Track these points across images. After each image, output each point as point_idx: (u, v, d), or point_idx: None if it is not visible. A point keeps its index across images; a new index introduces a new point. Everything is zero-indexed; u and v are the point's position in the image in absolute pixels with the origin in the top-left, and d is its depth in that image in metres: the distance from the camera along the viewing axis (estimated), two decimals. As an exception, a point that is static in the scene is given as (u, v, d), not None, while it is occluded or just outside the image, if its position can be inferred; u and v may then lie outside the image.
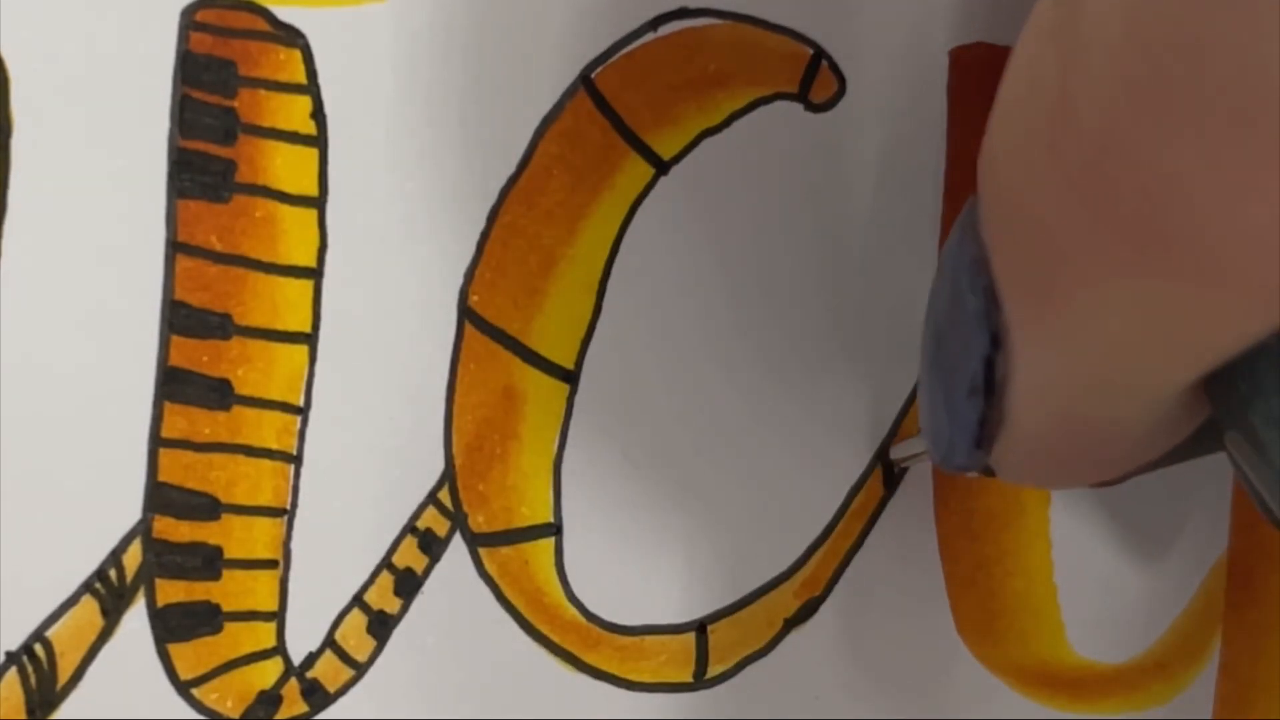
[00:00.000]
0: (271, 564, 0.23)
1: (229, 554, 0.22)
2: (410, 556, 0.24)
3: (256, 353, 0.22)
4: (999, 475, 0.21)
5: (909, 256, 0.26)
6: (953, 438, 0.20)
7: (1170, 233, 0.14)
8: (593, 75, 0.24)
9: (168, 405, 0.22)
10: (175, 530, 0.22)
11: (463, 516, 0.24)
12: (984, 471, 0.21)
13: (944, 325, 0.20)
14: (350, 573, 0.23)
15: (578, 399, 0.25)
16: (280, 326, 0.23)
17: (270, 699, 0.23)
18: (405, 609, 0.24)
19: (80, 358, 0.21)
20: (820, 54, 0.25)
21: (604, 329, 0.25)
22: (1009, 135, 0.17)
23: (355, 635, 0.23)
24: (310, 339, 0.23)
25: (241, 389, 0.22)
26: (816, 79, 0.25)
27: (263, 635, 0.23)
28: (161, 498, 0.22)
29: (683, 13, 0.24)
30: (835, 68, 0.25)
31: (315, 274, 0.23)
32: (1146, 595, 0.29)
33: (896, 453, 0.27)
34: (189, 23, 0.22)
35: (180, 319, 0.22)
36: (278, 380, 0.23)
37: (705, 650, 0.26)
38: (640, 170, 0.25)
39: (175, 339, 0.22)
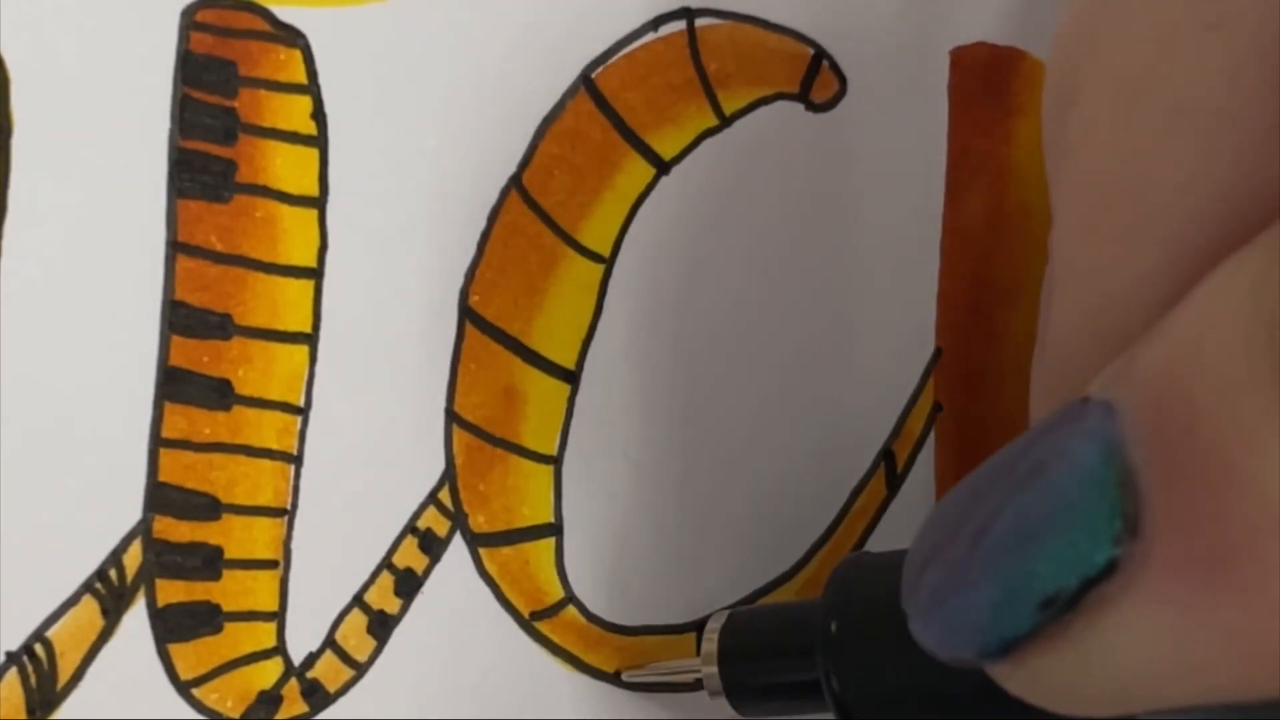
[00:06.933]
0: (272, 564, 0.23)
1: (229, 554, 0.22)
2: (410, 556, 0.24)
3: (257, 353, 0.22)
4: (1008, 685, 0.16)
5: (910, 257, 0.26)
6: (976, 631, 0.15)
7: None
8: (593, 75, 0.24)
9: (168, 405, 0.22)
10: (175, 530, 0.22)
11: (463, 516, 0.24)
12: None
13: (1022, 508, 0.15)
14: (350, 573, 0.23)
15: (578, 399, 0.25)
16: (280, 326, 0.23)
17: (270, 699, 0.23)
18: (405, 609, 0.24)
19: (80, 358, 0.21)
20: (821, 54, 0.25)
21: (604, 329, 0.25)
22: None
23: (355, 635, 0.23)
24: (310, 339, 0.23)
25: (242, 389, 0.22)
26: (817, 79, 0.25)
27: (263, 635, 0.23)
28: (161, 498, 0.22)
29: (683, 13, 0.24)
30: (836, 68, 0.25)
31: (315, 274, 0.23)
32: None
33: (630, 677, 0.25)
34: (189, 23, 0.22)
35: (180, 319, 0.22)
36: (278, 380, 0.23)
37: (706, 650, 0.26)
38: (641, 170, 0.25)
39: (175, 339, 0.22)
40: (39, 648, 0.21)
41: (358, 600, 0.23)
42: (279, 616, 0.23)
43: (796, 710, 0.24)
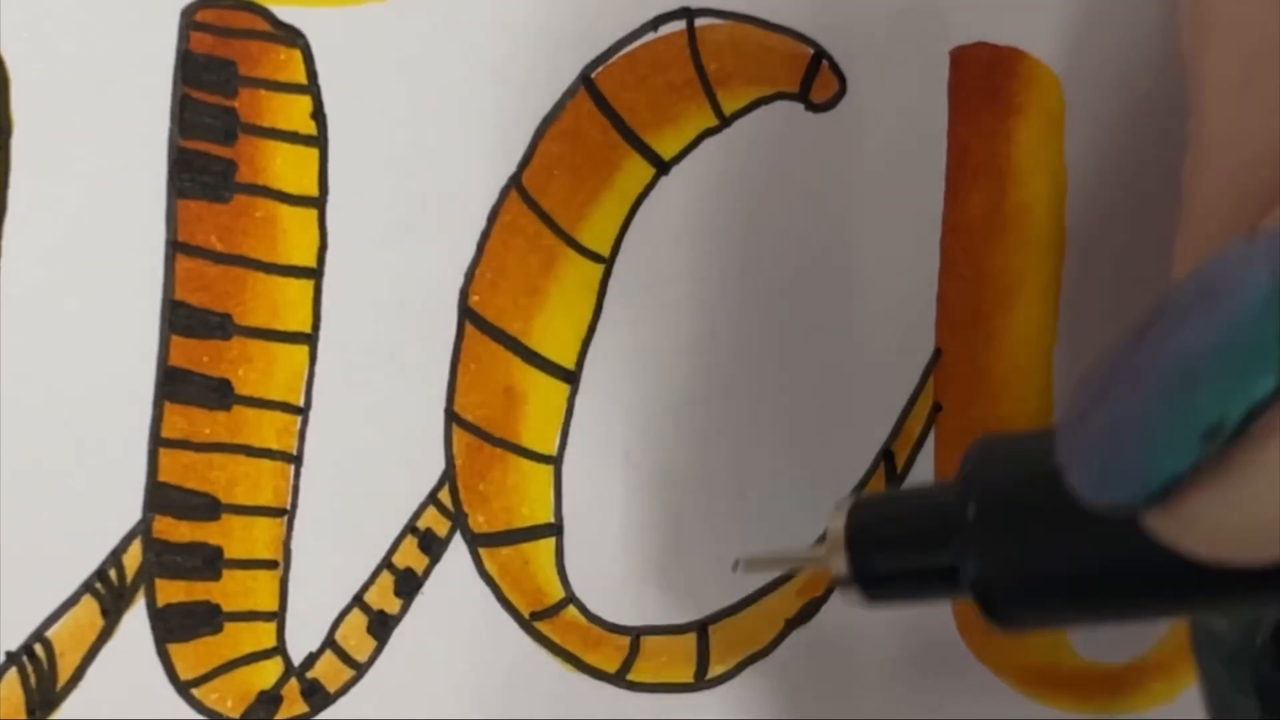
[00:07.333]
0: (271, 564, 0.23)
1: (229, 554, 0.22)
2: (410, 556, 0.24)
3: (257, 353, 0.22)
4: (1165, 533, 0.16)
5: (910, 256, 0.26)
6: (1139, 468, 0.15)
7: None
8: (593, 75, 0.24)
9: (168, 405, 0.22)
10: (175, 530, 0.22)
11: (463, 516, 0.24)
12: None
13: (1189, 336, 0.15)
14: (350, 573, 0.23)
15: (578, 399, 0.25)
16: (280, 326, 0.23)
17: (270, 699, 0.23)
18: (405, 609, 0.24)
19: (80, 358, 0.21)
20: (821, 54, 0.25)
21: (604, 329, 0.25)
22: None
23: (355, 635, 0.23)
24: (310, 339, 0.23)
25: (242, 389, 0.22)
26: (817, 79, 0.25)
27: (263, 635, 0.23)
28: (161, 498, 0.22)
29: (683, 13, 0.24)
30: (836, 68, 0.25)
31: (315, 274, 0.23)
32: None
33: (751, 559, 0.24)
34: (189, 23, 0.22)
35: (180, 319, 0.22)
36: (278, 380, 0.23)
37: (706, 650, 0.26)
38: (641, 170, 0.25)
39: (175, 339, 0.22)
40: (39, 648, 0.21)
41: (358, 600, 0.23)
42: (279, 616, 0.23)
43: (927, 597, 0.23)
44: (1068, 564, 0.20)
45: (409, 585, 0.24)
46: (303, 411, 0.23)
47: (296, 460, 0.23)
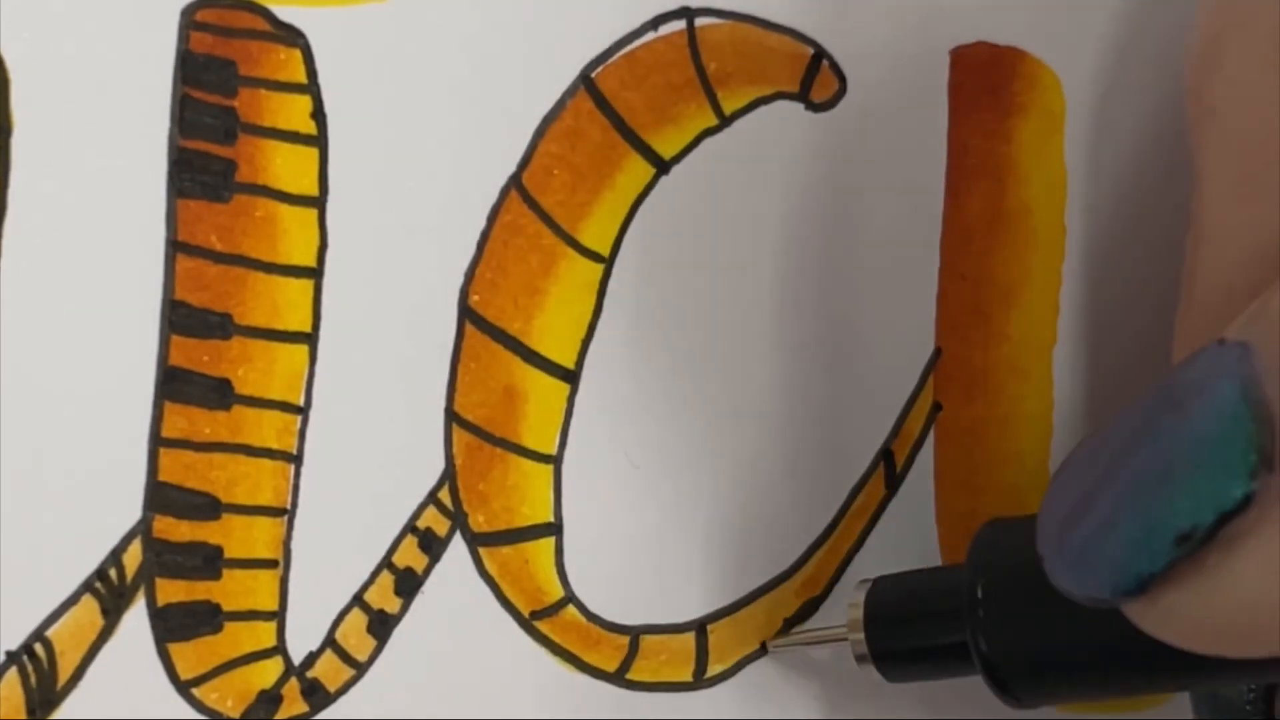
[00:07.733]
0: (272, 563, 0.23)
1: (229, 553, 0.22)
2: (410, 556, 0.24)
3: (257, 352, 0.22)
4: (1143, 624, 0.16)
5: (910, 256, 0.26)
6: (1113, 568, 0.16)
7: None
8: (593, 75, 0.24)
9: (168, 405, 0.22)
10: (175, 530, 0.22)
11: (463, 516, 0.24)
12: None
13: (1161, 445, 0.15)
14: (350, 572, 0.23)
15: (578, 399, 0.25)
16: (280, 326, 0.23)
17: (271, 698, 0.23)
18: (405, 609, 0.24)
19: (80, 357, 0.21)
20: (821, 54, 0.25)
21: (604, 329, 0.25)
22: None
23: (355, 635, 0.23)
24: (310, 339, 0.23)
25: (242, 389, 0.22)
26: (817, 78, 0.25)
27: (263, 635, 0.23)
28: (162, 497, 0.22)
29: (683, 12, 0.24)
30: (836, 67, 0.25)
31: (315, 274, 0.23)
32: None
33: (777, 643, 0.26)
34: (189, 22, 0.22)
35: (180, 319, 0.22)
36: (278, 380, 0.23)
37: (705, 650, 0.26)
38: (641, 170, 0.25)
39: (175, 339, 0.22)
40: (39, 647, 0.21)
41: (358, 600, 0.23)
42: (279, 616, 0.23)
43: (941, 673, 0.24)
44: (1067, 645, 0.21)
45: (409, 585, 0.24)
46: (303, 411, 0.23)
47: (296, 460, 0.23)
